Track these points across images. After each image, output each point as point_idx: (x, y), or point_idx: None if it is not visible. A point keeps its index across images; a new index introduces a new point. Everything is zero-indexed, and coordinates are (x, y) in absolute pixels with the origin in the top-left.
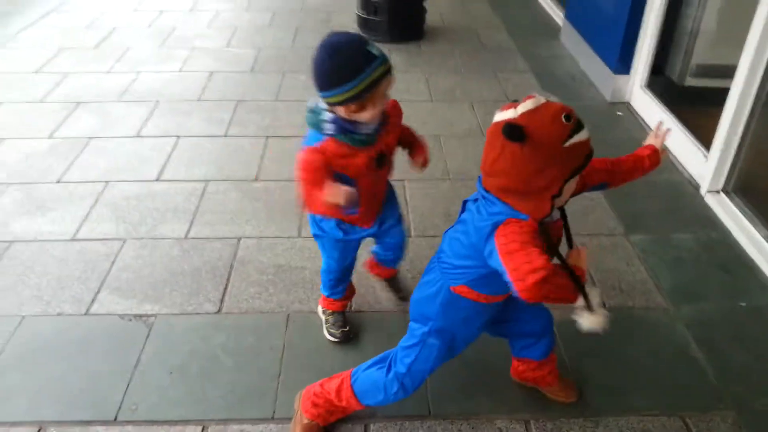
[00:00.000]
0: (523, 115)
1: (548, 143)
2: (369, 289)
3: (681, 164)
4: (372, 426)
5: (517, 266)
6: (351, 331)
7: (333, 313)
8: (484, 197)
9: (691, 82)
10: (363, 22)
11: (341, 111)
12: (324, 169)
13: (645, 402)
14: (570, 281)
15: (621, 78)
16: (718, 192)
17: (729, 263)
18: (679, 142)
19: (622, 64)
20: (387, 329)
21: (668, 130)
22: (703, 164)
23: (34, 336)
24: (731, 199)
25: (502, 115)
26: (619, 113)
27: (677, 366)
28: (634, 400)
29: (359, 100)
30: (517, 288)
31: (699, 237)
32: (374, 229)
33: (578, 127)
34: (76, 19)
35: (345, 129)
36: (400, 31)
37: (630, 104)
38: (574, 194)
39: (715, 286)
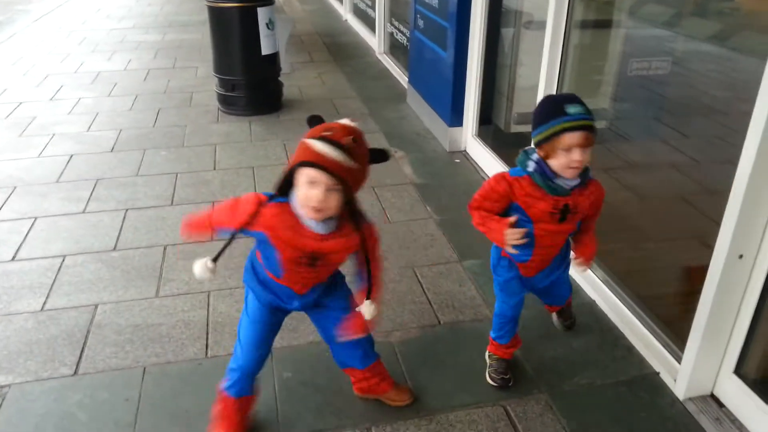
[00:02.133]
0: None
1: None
2: None
3: None
4: None
5: None
6: (511, 379)
7: (498, 359)
8: None
9: (515, 128)
10: (222, 99)
11: (540, 153)
12: (500, 201)
13: (472, 398)
14: None
15: (456, 130)
16: None
17: None
18: None
19: (455, 118)
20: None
21: None
22: None
23: None
24: None
25: None
26: (456, 160)
27: None
28: (464, 397)
29: (544, 144)
30: None
31: None
32: (544, 282)
33: (322, 139)
34: None
35: (544, 173)
36: (258, 105)
37: (466, 152)
38: None
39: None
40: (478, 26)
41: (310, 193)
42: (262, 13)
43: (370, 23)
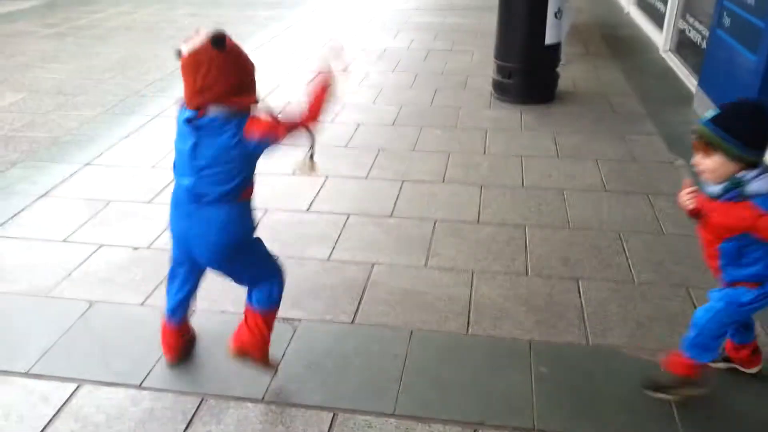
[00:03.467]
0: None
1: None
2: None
3: None
4: None
5: None
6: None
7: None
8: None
9: None
10: (497, 85)
11: None
12: None
13: None
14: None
15: None
16: None
17: None
18: None
19: None
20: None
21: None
22: None
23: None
24: None
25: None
26: None
27: None
28: None
29: None
30: None
31: None
32: None
33: None
34: None
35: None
36: (531, 94)
37: None
38: None
39: None
40: None
41: None
42: (552, 2)
43: (656, 17)
